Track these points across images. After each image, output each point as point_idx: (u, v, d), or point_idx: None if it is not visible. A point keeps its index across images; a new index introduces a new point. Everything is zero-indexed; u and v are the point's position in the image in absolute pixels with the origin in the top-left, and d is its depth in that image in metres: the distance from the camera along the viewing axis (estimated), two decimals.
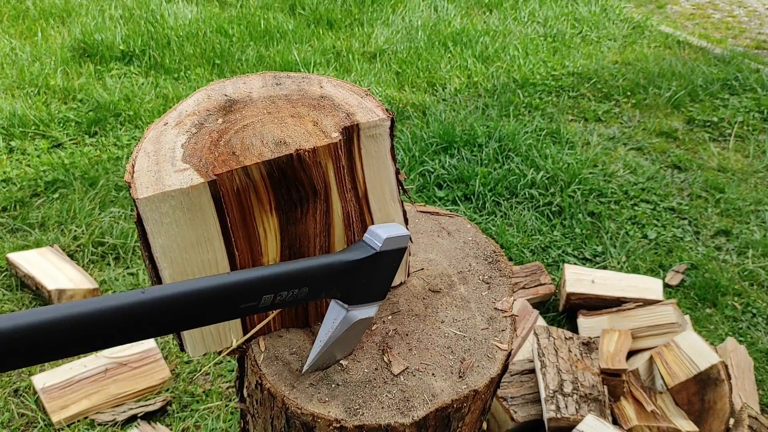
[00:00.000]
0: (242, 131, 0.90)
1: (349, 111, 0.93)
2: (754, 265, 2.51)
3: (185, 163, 0.84)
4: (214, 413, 1.85)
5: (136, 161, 0.86)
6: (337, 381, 0.93)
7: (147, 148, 0.89)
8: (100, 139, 3.10)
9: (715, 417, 1.74)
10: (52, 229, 2.49)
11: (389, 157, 0.95)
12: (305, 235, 0.93)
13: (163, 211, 0.81)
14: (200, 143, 0.88)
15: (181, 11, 4.47)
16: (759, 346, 2.16)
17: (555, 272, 2.42)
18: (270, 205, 0.88)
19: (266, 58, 3.92)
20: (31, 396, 1.87)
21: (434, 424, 0.91)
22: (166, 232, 0.83)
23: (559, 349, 1.82)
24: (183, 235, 0.84)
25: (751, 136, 3.40)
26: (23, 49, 3.86)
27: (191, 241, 0.85)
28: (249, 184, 0.85)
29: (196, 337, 0.93)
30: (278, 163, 0.84)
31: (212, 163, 0.83)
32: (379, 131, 0.92)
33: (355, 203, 0.96)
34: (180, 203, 0.81)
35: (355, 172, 0.93)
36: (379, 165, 0.95)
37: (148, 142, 0.91)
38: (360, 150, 0.92)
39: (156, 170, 0.84)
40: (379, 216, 0.99)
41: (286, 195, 0.88)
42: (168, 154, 0.86)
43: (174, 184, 0.81)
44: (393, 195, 0.98)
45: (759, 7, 5.36)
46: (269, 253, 0.93)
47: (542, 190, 2.84)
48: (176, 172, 0.83)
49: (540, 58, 4.13)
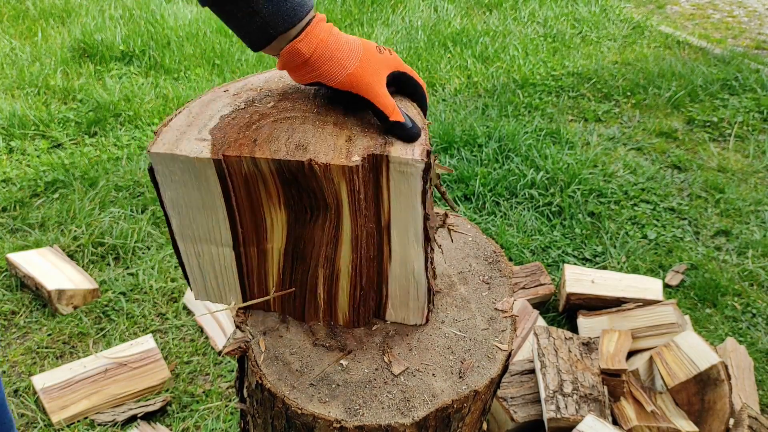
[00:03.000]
0: (279, 122, 0.89)
1: (389, 140, 0.87)
2: (754, 265, 2.51)
3: (210, 134, 0.86)
4: (214, 413, 1.85)
5: (177, 117, 0.90)
6: (338, 381, 0.93)
7: (192, 109, 0.92)
8: (100, 139, 3.10)
9: (715, 417, 1.74)
10: (52, 230, 2.49)
11: (419, 200, 0.87)
12: (311, 240, 0.93)
13: (172, 170, 0.85)
14: (237, 120, 0.89)
15: (181, 11, 4.47)
16: (759, 346, 2.16)
17: (555, 272, 2.42)
18: (279, 200, 0.88)
19: (266, 59, 3.92)
20: (30, 396, 1.87)
21: (434, 424, 0.91)
22: (174, 188, 0.88)
23: (559, 350, 1.82)
24: (190, 196, 0.88)
25: (751, 136, 3.40)
26: (23, 49, 3.86)
27: (197, 204, 0.89)
28: (258, 174, 0.85)
29: (198, 282, 1.00)
30: (288, 165, 0.83)
31: (230, 143, 0.84)
32: (410, 170, 0.85)
33: (373, 231, 0.91)
34: (188, 168, 0.85)
35: (381, 201, 0.88)
36: (406, 203, 0.88)
37: (198, 103, 0.93)
38: (389, 181, 0.86)
39: (183, 131, 0.87)
40: (398, 252, 0.94)
41: (296, 197, 0.87)
42: (204, 121, 0.89)
43: (184, 150, 0.83)
44: (417, 238, 0.91)
45: (759, 7, 5.36)
46: (275, 241, 0.93)
47: (542, 191, 2.84)
48: (196, 139, 0.85)
49: (540, 58, 4.14)
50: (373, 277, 0.96)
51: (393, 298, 0.99)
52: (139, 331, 2.11)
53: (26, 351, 2.02)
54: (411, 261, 0.94)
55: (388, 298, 1.00)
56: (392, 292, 0.99)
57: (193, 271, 1.00)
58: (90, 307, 2.17)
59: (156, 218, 2.58)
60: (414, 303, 0.99)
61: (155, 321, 2.15)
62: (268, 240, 0.93)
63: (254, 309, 1.03)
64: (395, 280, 0.97)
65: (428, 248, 0.93)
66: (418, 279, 0.95)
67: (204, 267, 0.99)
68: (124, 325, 2.12)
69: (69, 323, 2.11)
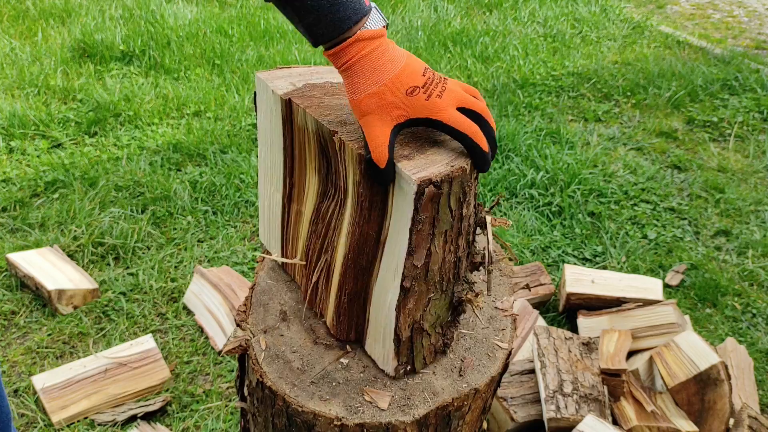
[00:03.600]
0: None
1: (416, 155, 0.83)
2: (754, 265, 2.51)
3: (303, 85, 0.94)
4: (214, 413, 1.85)
5: (299, 67, 1.01)
6: (339, 379, 0.93)
7: (319, 69, 1.02)
8: (100, 139, 3.10)
9: (715, 417, 1.74)
10: (52, 230, 2.49)
11: (407, 226, 0.81)
12: (324, 218, 0.93)
13: (263, 97, 0.96)
14: (333, 88, 0.96)
15: (181, 11, 4.47)
16: (759, 346, 2.16)
17: (555, 272, 2.42)
18: (315, 166, 0.92)
19: (266, 58, 3.92)
20: (30, 396, 1.87)
21: (435, 422, 0.91)
22: (262, 116, 0.98)
23: (559, 350, 1.82)
24: (266, 127, 0.98)
25: (751, 136, 3.40)
26: (23, 49, 3.86)
27: (269, 138, 0.98)
28: (305, 131, 0.90)
29: (261, 220, 1.10)
30: (321, 130, 0.87)
31: (304, 95, 0.91)
32: (405, 188, 0.79)
33: (371, 239, 0.87)
34: (269, 99, 0.94)
35: (386, 211, 0.84)
36: (399, 226, 0.83)
37: (327, 69, 1.02)
38: (393, 192, 0.82)
39: (292, 76, 0.97)
40: (383, 276, 0.88)
41: (325, 169, 0.90)
42: (314, 78, 0.98)
43: (273, 84, 0.94)
44: (397, 271, 0.84)
45: (759, 7, 5.36)
46: (306, 206, 0.96)
47: (542, 191, 2.84)
48: (290, 83, 0.94)
49: (540, 58, 4.14)
50: (360, 290, 0.92)
51: (372, 327, 0.93)
52: (139, 331, 2.11)
53: (26, 351, 2.02)
54: (387, 291, 0.88)
55: (369, 325, 0.94)
56: (372, 318, 0.93)
57: (262, 208, 1.08)
58: (90, 307, 2.17)
59: (156, 218, 2.58)
60: (384, 344, 0.91)
61: (155, 321, 2.15)
62: (303, 203, 0.96)
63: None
64: (375, 306, 0.91)
65: (405, 289, 0.84)
66: (389, 316, 0.88)
67: (265, 206, 1.06)
68: (124, 325, 2.12)
69: (69, 323, 2.11)
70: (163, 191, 2.70)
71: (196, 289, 2.17)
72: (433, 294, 0.88)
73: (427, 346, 0.93)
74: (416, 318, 0.89)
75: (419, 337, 0.91)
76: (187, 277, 2.31)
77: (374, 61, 0.83)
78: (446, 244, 0.85)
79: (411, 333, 0.89)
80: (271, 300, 1.05)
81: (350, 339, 0.98)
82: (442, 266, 0.87)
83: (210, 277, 2.17)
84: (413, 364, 0.93)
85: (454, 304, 0.94)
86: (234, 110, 3.37)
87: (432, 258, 0.84)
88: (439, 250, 0.85)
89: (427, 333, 0.91)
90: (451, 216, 0.83)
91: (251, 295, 1.06)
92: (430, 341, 0.93)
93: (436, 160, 0.82)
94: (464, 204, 0.85)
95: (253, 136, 3.16)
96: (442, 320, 0.94)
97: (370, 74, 0.83)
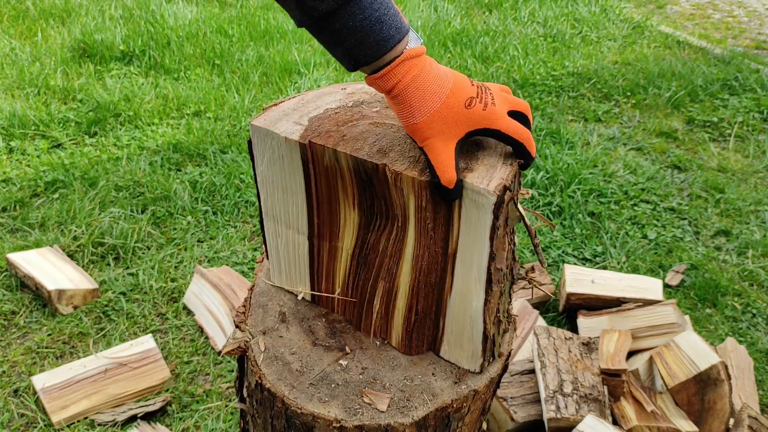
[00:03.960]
0: (374, 126, 0.90)
1: (472, 165, 0.83)
2: (754, 265, 2.51)
3: (308, 121, 0.90)
4: (214, 413, 1.85)
5: (288, 101, 0.96)
6: (338, 381, 0.93)
7: (305, 97, 0.97)
8: (100, 139, 3.10)
9: (715, 417, 1.74)
10: (52, 230, 2.49)
11: (487, 235, 0.82)
12: (377, 249, 0.92)
13: (267, 145, 0.91)
14: (338, 116, 0.92)
15: (181, 11, 4.47)
16: (759, 346, 2.16)
17: (555, 272, 2.42)
18: (354, 200, 0.89)
19: (266, 58, 3.92)
20: (30, 396, 1.87)
21: (434, 424, 0.91)
22: (266, 163, 0.93)
23: (558, 350, 1.82)
24: (277, 175, 0.93)
25: (751, 136, 3.40)
26: (23, 49, 3.86)
27: (282, 184, 0.94)
28: (337, 168, 0.87)
29: (274, 263, 1.05)
30: (364, 166, 0.83)
31: (320, 133, 0.87)
32: (481, 201, 0.80)
33: (438, 256, 0.87)
34: (279, 146, 0.89)
35: (451, 226, 0.84)
36: (475, 235, 0.83)
37: (313, 94, 0.98)
38: (461, 208, 0.82)
39: (287, 113, 0.92)
40: (460, 286, 0.88)
41: (369, 200, 0.88)
42: (309, 109, 0.94)
43: (279, 129, 0.88)
44: (480, 276, 0.86)
45: (759, 7, 5.36)
46: (345, 241, 0.94)
47: (542, 191, 2.84)
48: (294, 123, 0.90)
49: (540, 58, 4.14)
50: (431, 305, 0.92)
51: (449, 334, 0.94)
52: (139, 331, 2.11)
53: (26, 351, 2.02)
54: (470, 298, 0.88)
55: (444, 333, 0.94)
56: (449, 326, 0.93)
57: (272, 252, 1.04)
58: (90, 307, 2.17)
59: (156, 218, 2.58)
60: (468, 345, 0.93)
61: (155, 321, 2.15)
62: (339, 238, 0.94)
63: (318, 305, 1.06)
64: (453, 315, 0.92)
65: (490, 291, 0.87)
66: (475, 320, 0.89)
67: (281, 250, 1.02)
68: (124, 325, 2.12)
69: (69, 323, 2.11)
70: (163, 191, 2.70)
71: (196, 289, 2.17)
72: (503, 285, 0.91)
73: (501, 332, 0.97)
74: (496, 312, 0.92)
75: (498, 328, 0.94)
76: (187, 277, 2.31)
77: (426, 81, 0.78)
78: (506, 235, 0.86)
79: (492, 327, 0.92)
80: (270, 301, 1.05)
81: (421, 352, 0.97)
82: (507, 256, 0.89)
83: (210, 277, 2.17)
84: (493, 354, 0.97)
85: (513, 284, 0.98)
86: (234, 110, 3.37)
87: (506, 254, 0.86)
88: (507, 244, 0.86)
89: (500, 321, 0.95)
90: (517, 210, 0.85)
91: (250, 297, 1.06)
92: (502, 327, 0.97)
93: (492, 164, 0.83)
94: None
95: None
96: (508, 304, 0.97)
97: (426, 95, 0.78)
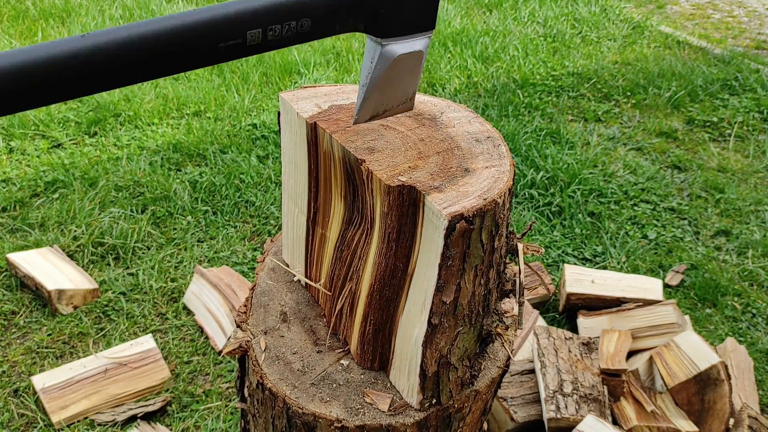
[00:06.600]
0: (383, 128, 0.91)
1: (447, 187, 0.78)
2: (754, 265, 2.51)
3: (328, 107, 0.92)
4: (214, 413, 1.85)
5: (325, 87, 0.99)
6: (339, 381, 0.93)
7: (345, 88, 1.00)
8: (100, 139, 3.10)
9: (715, 417, 1.74)
10: (52, 230, 2.49)
11: (436, 261, 0.76)
12: (350, 246, 0.91)
13: (288, 119, 0.95)
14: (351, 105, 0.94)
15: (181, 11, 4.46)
16: (759, 346, 2.16)
17: (555, 272, 2.42)
18: (340, 191, 0.90)
19: (266, 58, 3.91)
20: (30, 396, 1.87)
21: (435, 424, 0.91)
22: (287, 136, 0.97)
23: (559, 350, 1.82)
24: (291, 149, 0.97)
25: (751, 136, 3.40)
26: None
27: (294, 160, 0.97)
28: (330, 156, 0.88)
29: (285, 238, 1.09)
30: (348, 157, 0.85)
31: (329, 119, 0.89)
32: (435, 222, 0.75)
33: (398, 270, 0.84)
34: (295, 122, 0.93)
35: (413, 244, 0.81)
36: (428, 260, 0.79)
37: (354, 88, 1.00)
38: (422, 225, 0.79)
39: (317, 96, 0.96)
40: (410, 310, 0.85)
41: (352, 196, 0.89)
42: (339, 98, 0.96)
43: (298, 106, 0.92)
44: (425, 305, 0.81)
45: (759, 7, 5.36)
46: (332, 230, 0.95)
47: (542, 191, 2.84)
48: (315, 105, 0.93)
49: (540, 58, 4.13)
50: (385, 321, 0.89)
51: (397, 359, 0.91)
52: (139, 331, 2.11)
53: (26, 351, 2.02)
54: (413, 325, 0.84)
55: (394, 356, 0.92)
56: (397, 350, 0.91)
57: (284, 227, 1.08)
58: (90, 307, 2.17)
59: (156, 218, 2.58)
60: (409, 377, 0.89)
61: (155, 321, 2.15)
62: (328, 228, 0.95)
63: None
64: (401, 339, 0.89)
65: (431, 324, 0.81)
66: (415, 351, 0.85)
67: (290, 226, 1.05)
68: (124, 325, 2.12)
69: (69, 323, 2.11)
70: (163, 191, 2.70)
71: (196, 289, 2.17)
72: (462, 328, 0.85)
73: (454, 379, 0.90)
74: (443, 353, 0.85)
75: (446, 371, 0.88)
76: (187, 277, 2.31)
77: None
78: (476, 277, 0.81)
79: (437, 367, 0.86)
80: (272, 301, 1.05)
81: (373, 368, 0.95)
82: (472, 300, 0.83)
83: (210, 277, 2.17)
84: (439, 398, 0.90)
85: (483, 336, 0.91)
86: (234, 110, 3.37)
87: (461, 293, 0.81)
88: (469, 284, 0.81)
89: (453, 367, 0.88)
90: (482, 250, 0.79)
91: (251, 296, 1.06)
92: (457, 374, 0.90)
93: (468, 192, 0.78)
94: (496, 237, 0.81)
95: (253, 136, 3.16)
96: (470, 353, 0.91)
97: None
